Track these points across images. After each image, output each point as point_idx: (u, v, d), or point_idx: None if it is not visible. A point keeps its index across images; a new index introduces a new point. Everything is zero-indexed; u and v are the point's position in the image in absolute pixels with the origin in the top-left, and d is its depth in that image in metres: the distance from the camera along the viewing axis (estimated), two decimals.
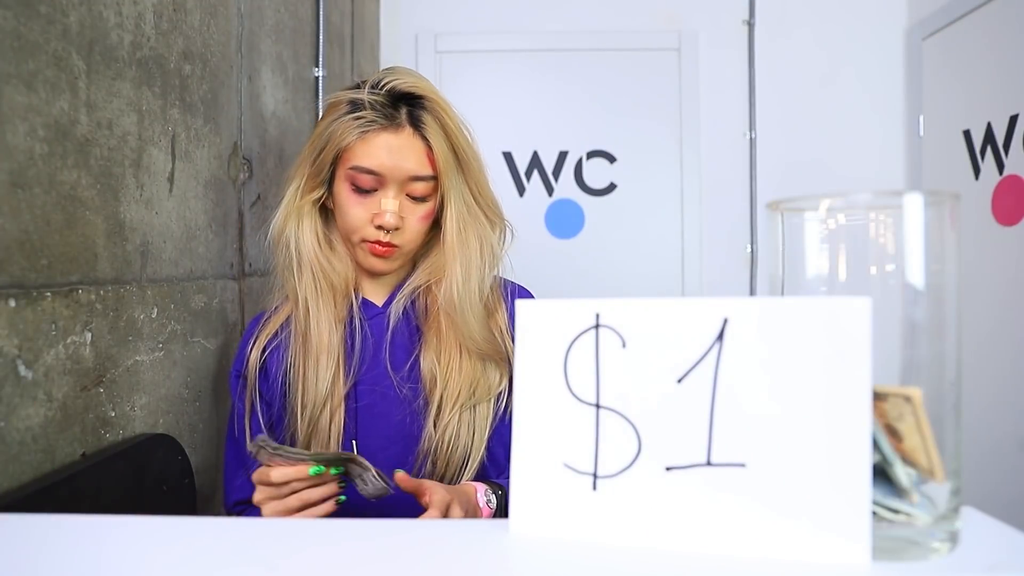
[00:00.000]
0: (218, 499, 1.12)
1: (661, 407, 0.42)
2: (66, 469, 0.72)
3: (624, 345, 0.43)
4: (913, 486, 0.39)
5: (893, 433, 0.39)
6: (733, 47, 2.32)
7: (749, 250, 2.31)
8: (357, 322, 0.92)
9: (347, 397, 0.90)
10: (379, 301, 0.95)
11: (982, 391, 1.85)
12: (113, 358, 0.82)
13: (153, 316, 0.91)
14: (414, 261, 0.97)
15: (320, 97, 1.64)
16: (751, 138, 2.30)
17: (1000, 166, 1.85)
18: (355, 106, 0.87)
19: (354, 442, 0.90)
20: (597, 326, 0.44)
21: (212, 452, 1.09)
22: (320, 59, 1.63)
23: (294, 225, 0.91)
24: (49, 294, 0.71)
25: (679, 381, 0.41)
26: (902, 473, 0.39)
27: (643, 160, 2.33)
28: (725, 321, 0.40)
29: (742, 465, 0.39)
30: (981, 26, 1.93)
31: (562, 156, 2.33)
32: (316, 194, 0.91)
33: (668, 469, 0.41)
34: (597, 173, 2.33)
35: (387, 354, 0.91)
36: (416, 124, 0.87)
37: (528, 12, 2.34)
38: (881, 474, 0.39)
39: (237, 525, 0.52)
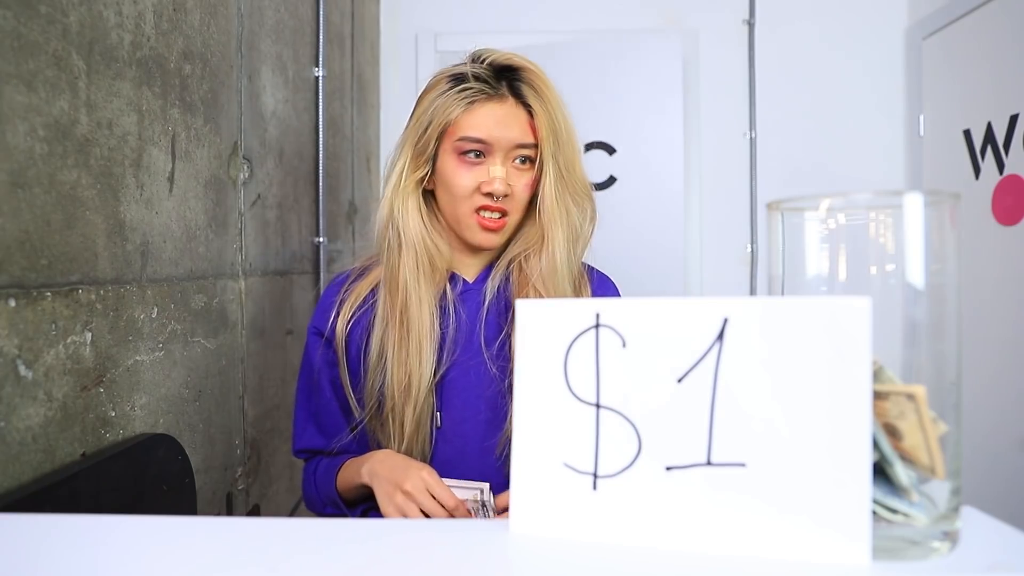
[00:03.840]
0: (218, 498, 1.12)
1: (661, 407, 0.42)
2: (66, 469, 0.72)
3: (624, 345, 0.43)
4: (913, 485, 0.39)
5: (892, 432, 0.39)
6: (733, 47, 2.33)
7: (749, 250, 2.31)
8: (451, 301, 0.92)
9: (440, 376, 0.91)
10: (471, 277, 0.96)
11: (982, 391, 1.85)
12: (113, 358, 0.82)
13: (153, 316, 0.91)
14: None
15: (320, 97, 1.64)
16: (751, 138, 2.31)
17: (1000, 166, 1.85)
18: (457, 80, 0.89)
19: (439, 414, 0.90)
20: (597, 326, 0.44)
21: (212, 452, 1.09)
22: (320, 59, 1.63)
23: (400, 206, 0.91)
24: (49, 294, 0.71)
25: (679, 381, 0.41)
26: (902, 472, 0.39)
27: (643, 160, 2.33)
28: (725, 321, 0.40)
29: (742, 465, 0.39)
30: (981, 26, 1.93)
31: None
32: (420, 173, 0.91)
33: (668, 469, 0.41)
34: (596, 166, 2.32)
35: (481, 331, 0.92)
36: (517, 94, 0.90)
37: (528, 12, 2.34)
38: (880, 473, 0.39)
39: (237, 525, 0.52)
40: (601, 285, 1.00)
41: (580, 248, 0.94)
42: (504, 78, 0.90)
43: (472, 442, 0.90)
